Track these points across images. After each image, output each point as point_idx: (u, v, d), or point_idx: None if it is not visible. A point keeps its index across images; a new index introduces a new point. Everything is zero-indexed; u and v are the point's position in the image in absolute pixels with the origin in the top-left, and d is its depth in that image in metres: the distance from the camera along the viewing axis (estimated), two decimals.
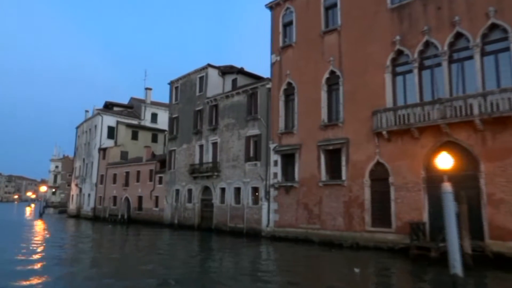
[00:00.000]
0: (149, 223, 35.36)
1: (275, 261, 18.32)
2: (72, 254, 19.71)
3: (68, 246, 22.72)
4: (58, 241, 24.40)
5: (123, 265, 15.82)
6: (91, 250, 21.65)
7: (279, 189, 23.97)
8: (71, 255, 19.39)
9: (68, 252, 20.22)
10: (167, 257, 18.42)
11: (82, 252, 20.23)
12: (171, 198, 33.83)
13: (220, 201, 28.55)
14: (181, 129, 33.98)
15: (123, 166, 40.87)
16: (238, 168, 27.26)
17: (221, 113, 29.62)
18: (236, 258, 18.50)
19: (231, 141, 28.31)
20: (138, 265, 15.66)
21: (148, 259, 17.32)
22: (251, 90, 27.19)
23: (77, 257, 18.37)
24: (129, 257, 18.27)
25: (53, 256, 17.68)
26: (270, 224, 24.16)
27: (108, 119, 45.83)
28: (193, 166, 31.20)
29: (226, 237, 25.86)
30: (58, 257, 17.82)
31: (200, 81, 32.56)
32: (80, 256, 18.81)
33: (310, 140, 22.66)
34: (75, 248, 22.08)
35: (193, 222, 30.77)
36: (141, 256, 18.64)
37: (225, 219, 27.56)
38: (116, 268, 15.37)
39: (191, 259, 17.99)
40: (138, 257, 17.99)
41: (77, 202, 49.37)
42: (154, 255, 18.80)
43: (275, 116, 25.05)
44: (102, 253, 20.64)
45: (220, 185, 28.62)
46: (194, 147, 32.05)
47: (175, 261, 17.28)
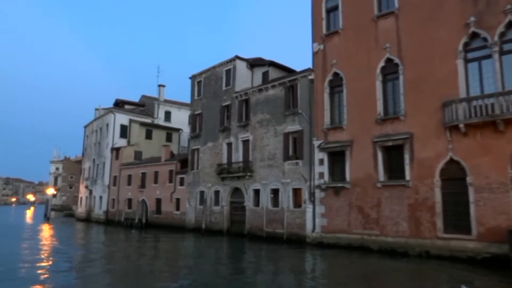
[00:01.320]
0: (169, 228, 32.92)
1: (333, 274, 15.95)
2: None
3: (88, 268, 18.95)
4: (73, 253, 21.93)
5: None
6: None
7: (326, 190, 21.66)
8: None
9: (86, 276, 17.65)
10: (208, 271, 16.07)
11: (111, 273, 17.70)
12: (194, 200, 31.43)
13: (253, 204, 26.20)
14: (205, 127, 31.62)
15: (138, 167, 38.43)
16: (275, 168, 24.92)
17: (253, 108, 27.29)
18: (281, 269, 16.21)
19: (265, 138, 25.98)
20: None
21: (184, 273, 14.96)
22: (289, 82, 24.88)
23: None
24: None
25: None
26: (316, 230, 21.83)
27: (121, 117, 43.38)
28: (221, 166, 28.84)
29: (262, 244, 23.52)
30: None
31: (227, 74, 30.23)
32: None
33: (364, 135, 20.37)
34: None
35: (222, 227, 28.39)
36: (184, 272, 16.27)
37: (261, 223, 25.20)
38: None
39: (231, 276, 15.60)
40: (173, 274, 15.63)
41: (87, 205, 46.82)
42: (182, 266, 16.43)
43: (319, 110, 22.76)
44: (134, 267, 18.26)
45: (254, 186, 26.27)
46: (221, 145, 29.69)
47: (217, 277, 14.92)
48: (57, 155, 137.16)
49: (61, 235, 30.88)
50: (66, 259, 17.89)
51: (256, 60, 30.55)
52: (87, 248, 22.40)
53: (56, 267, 15.81)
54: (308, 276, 15.31)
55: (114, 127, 42.65)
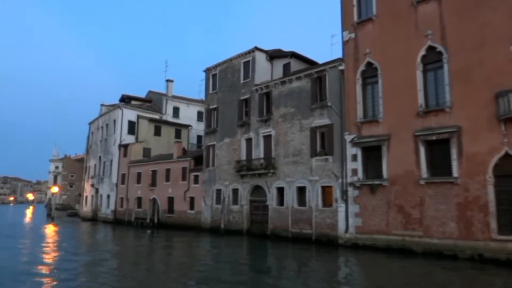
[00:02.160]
0: (182, 228, 31.40)
1: (375, 279, 14.50)
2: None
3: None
4: (86, 257, 20.40)
5: None
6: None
7: (361, 188, 20.23)
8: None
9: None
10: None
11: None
12: (210, 199, 29.93)
13: (277, 203, 24.74)
14: (221, 122, 30.12)
15: (149, 164, 36.87)
16: (301, 164, 23.46)
17: (275, 101, 25.81)
18: (315, 274, 14.80)
19: (290, 133, 24.51)
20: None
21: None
22: (316, 73, 23.41)
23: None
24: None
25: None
26: (350, 230, 20.40)
27: (129, 113, 41.75)
28: (240, 163, 27.36)
29: (287, 245, 22.09)
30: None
31: (245, 66, 28.72)
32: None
33: (403, 129, 18.94)
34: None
35: (241, 227, 26.92)
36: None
37: (285, 223, 23.75)
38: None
39: (262, 280, 14.16)
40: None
41: (93, 204, 45.21)
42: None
43: (351, 103, 21.32)
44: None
45: (277, 184, 24.80)
46: (239, 141, 28.20)
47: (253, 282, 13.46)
48: (57, 153, 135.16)
49: (71, 237, 29.36)
50: (88, 270, 16.39)
51: (276, 51, 29.05)
52: (104, 255, 20.83)
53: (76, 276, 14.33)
54: (348, 282, 13.87)
55: (122, 123, 41.04)
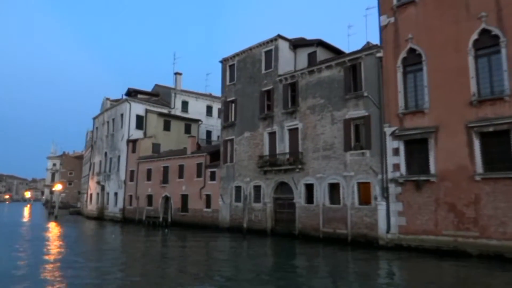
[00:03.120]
0: (198, 227, 29.76)
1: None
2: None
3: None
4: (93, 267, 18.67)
5: None
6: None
7: (404, 184, 18.65)
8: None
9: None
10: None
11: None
12: (229, 197, 28.28)
13: (306, 201, 23.14)
14: (240, 115, 28.43)
15: (160, 160, 35.11)
16: (333, 159, 21.86)
17: (302, 92, 24.16)
18: (360, 279, 13.24)
19: (319, 126, 22.89)
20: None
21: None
22: (349, 61, 21.79)
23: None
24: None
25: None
26: (392, 230, 18.83)
27: (137, 106, 39.93)
28: (263, 158, 25.71)
29: (320, 246, 20.58)
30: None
31: (267, 56, 27.03)
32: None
33: (453, 120, 17.37)
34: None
35: (264, 226, 25.31)
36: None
37: (316, 222, 22.16)
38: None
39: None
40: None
41: (99, 202, 43.35)
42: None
43: (391, 93, 19.72)
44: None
45: (305, 180, 23.20)
46: (261, 135, 26.54)
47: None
48: (54, 150, 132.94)
49: (82, 239, 27.63)
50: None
51: (300, 40, 27.38)
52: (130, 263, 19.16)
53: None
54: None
55: (130, 118, 39.22)
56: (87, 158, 80.00)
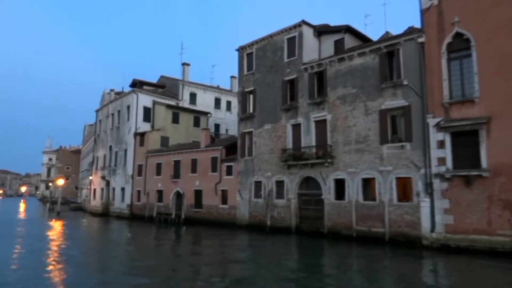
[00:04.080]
0: (213, 224, 28.26)
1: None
2: None
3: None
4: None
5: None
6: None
7: (451, 180, 17.24)
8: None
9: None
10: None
11: None
12: (248, 192, 26.77)
13: (335, 197, 21.70)
14: (260, 106, 26.86)
15: (170, 154, 33.45)
16: (367, 153, 20.42)
17: (331, 81, 22.64)
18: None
19: (351, 117, 21.41)
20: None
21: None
22: (386, 48, 20.27)
23: None
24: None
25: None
26: (437, 229, 17.44)
27: (144, 98, 38.16)
28: (287, 152, 24.20)
29: (353, 246, 19.17)
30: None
31: (290, 43, 25.44)
32: None
33: (510, 110, 15.98)
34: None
35: (288, 224, 23.87)
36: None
37: (348, 220, 20.74)
38: None
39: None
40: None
41: (103, 198, 41.60)
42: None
43: (434, 81, 18.26)
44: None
45: (335, 175, 21.75)
46: (284, 127, 25.01)
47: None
48: (50, 145, 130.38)
49: (99, 240, 25.95)
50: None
51: (325, 26, 25.80)
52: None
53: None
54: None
55: (137, 110, 37.46)
56: (85, 152, 78.01)
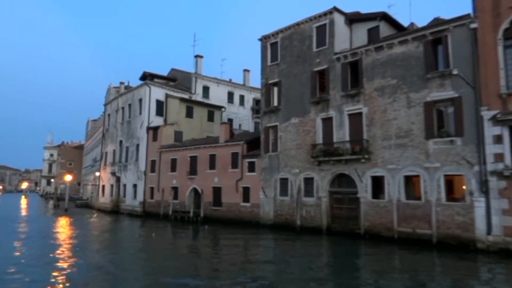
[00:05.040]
0: (233, 223, 26.80)
1: None
2: None
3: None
4: None
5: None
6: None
7: (510, 178, 15.81)
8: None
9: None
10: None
11: None
12: (272, 190, 25.32)
13: (373, 195, 20.27)
14: (286, 98, 25.36)
15: (186, 149, 31.94)
16: (410, 148, 18.96)
17: (367, 72, 21.15)
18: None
19: (391, 110, 19.94)
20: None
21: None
22: (431, 34, 18.77)
23: None
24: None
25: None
26: (494, 231, 16.01)
27: (156, 91, 36.62)
28: (317, 147, 22.74)
29: (393, 248, 17.77)
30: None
31: (319, 31, 23.91)
32: None
33: None
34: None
35: (319, 224, 22.44)
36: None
37: (388, 220, 19.31)
38: None
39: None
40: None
41: (113, 195, 40.09)
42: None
43: (489, 70, 16.78)
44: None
45: (373, 172, 20.30)
46: (313, 121, 23.53)
47: None
48: (51, 140, 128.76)
49: (120, 240, 24.47)
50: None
51: (357, 14, 24.27)
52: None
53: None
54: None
55: (150, 103, 35.93)
56: (88, 148, 76.46)
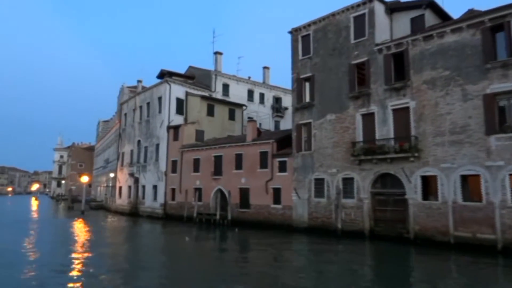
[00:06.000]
0: (263, 226, 25.34)
1: None
2: None
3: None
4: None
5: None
6: None
7: None
8: None
9: None
10: None
11: None
12: (306, 191, 23.84)
13: (423, 196, 18.72)
14: (320, 94, 23.90)
15: (210, 149, 30.57)
16: (467, 145, 17.38)
17: (415, 63, 19.62)
18: None
19: (443, 103, 18.39)
20: None
21: None
22: (491, 21, 17.22)
23: None
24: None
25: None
26: None
27: (177, 88, 35.32)
28: (358, 145, 21.24)
29: (450, 254, 16.21)
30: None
31: (357, 22, 22.44)
32: None
33: None
34: None
35: (360, 227, 20.92)
36: None
37: (443, 224, 17.73)
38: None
39: None
40: None
41: (131, 196, 38.82)
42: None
43: None
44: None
45: (423, 171, 18.75)
46: (352, 117, 22.05)
47: None
48: (61, 142, 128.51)
49: (156, 247, 23.12)
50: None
51: (397, 3, 22.76)
52: None
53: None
54: None
55: (170, 101, 34.63)
56: (100, 149, 75.42)
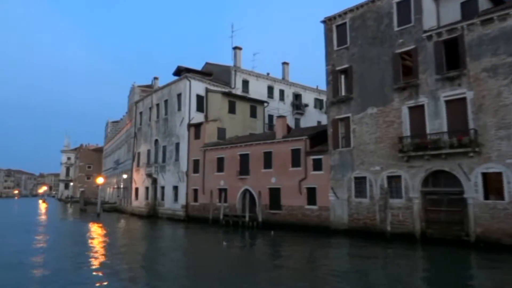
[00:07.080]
0: (296, 228, 23.72)
1: None
2: None
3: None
4: None
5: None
6: None
7: None
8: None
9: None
10: None
11: None
12: (345, 191, 22.22)
13: (485, 195, 17.05)
14: (359, 86, 22.29)
15: (235, 147, 28.98)
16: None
17: (472, 50, 17.97)
18: None
19: (508, 93, 16.74)
20: None
21: None
22: None
23: None
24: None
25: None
26: None
27: (196, 85, 33.81)
28: (406, 141, 19.60)
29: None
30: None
31: (401, 8, 20.82)
32: None
33: None
34: None
35: (410, 229, 19.26)
36: None
37: (511, 226, 16.07)
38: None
39: None
40: None
41: (149, 198, 37.29)
42: None
43: None
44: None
45: (485, 168, 17.09)
46: (397, 110, 20.42)
47: None
48: (68, 144, 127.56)
49: (195, 257, 21.56)
50: None
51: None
52: None
53: None
54: None
55: (190, 98, 33.10)
56: (109, 150, 74.02)
